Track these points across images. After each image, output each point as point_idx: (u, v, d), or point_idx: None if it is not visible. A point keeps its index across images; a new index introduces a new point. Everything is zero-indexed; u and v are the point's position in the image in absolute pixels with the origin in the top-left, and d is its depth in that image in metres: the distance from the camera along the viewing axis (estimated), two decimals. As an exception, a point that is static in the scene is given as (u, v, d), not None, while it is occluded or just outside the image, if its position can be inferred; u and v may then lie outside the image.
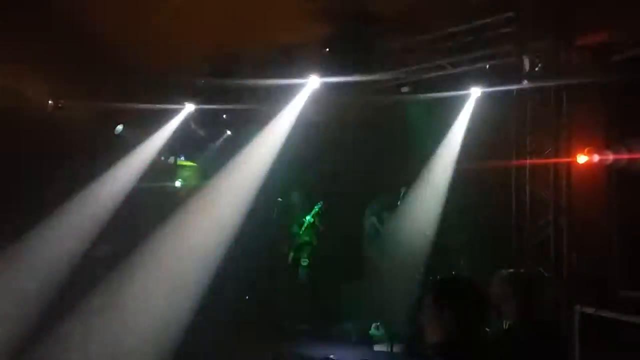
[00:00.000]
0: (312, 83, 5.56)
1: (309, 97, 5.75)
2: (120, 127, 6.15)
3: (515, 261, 3.92)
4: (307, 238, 6.61)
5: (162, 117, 6.27)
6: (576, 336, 2.93)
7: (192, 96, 6.23)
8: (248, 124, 6.65)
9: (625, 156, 2.77)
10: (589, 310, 2.84)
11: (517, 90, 4.16)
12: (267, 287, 6.74)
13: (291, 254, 6.58)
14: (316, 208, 6.54)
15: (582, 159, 4.95)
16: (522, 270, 3.77)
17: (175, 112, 6.33)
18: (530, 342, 2.80)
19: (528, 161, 4.06)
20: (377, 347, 5.72)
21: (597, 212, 3.66)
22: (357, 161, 7.08)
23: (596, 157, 3.86)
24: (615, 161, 2.86)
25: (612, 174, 2.84)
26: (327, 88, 5.57)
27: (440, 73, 5.03)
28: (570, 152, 3.89)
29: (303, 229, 6.60)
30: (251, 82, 5.67)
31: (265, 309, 6.48)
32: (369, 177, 6.52)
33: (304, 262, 6.50)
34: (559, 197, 3.70)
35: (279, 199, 6.75)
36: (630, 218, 2.70)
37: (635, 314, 2.62)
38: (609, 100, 3.08)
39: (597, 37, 3.94)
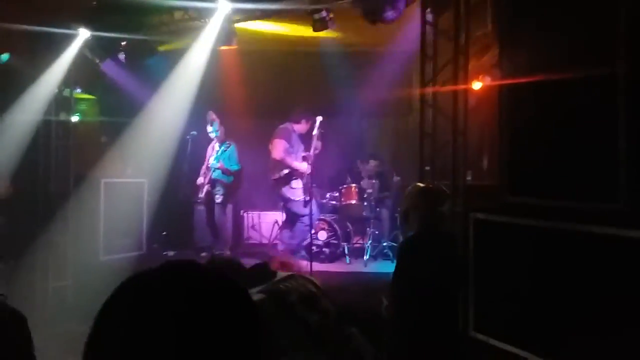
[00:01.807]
0: (222, 8, 5.31)
1: (221, 25, 5.52)
2: (5, 56, 5.48)
3: (421, 178, 4.31)
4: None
5: (54, 44, 5.67)
6: (471, 240, 3.36)
7: (86, 20, 5.66)
8: (151, 54, 6.27)
9: (512, 79, 3.09)
10: (481, 215, 3.25)
11: (422, 18, 4.32)
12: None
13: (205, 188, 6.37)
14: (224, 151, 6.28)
15: (477, 84, 5.41)
16: (431, 185, 4.19)
17: (68, 38, 5.75)
18: (434, 246, 3.19)
19: (431, 89, 4.35)
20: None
21: (489, 131, 4.10)
22: (271, 92, 7.08)
23: (488, 80, 4.25)
24: (504, 83, 3.18)
25: (502, 95, 3.16)
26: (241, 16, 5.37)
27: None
28: (467, 79, 4.22)
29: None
30: (154, 2, 5.27)
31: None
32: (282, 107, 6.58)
33: (218, 198, 6.30)
34: (457, 121, 4.06)
35: (193, 132, 6.58)
36: (516, 133, 3.07)
37: (520, 216, 3.04)
38: (499, 25, 3.35)
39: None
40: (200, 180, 6.40)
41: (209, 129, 6.31)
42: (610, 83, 2.62)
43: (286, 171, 5.84)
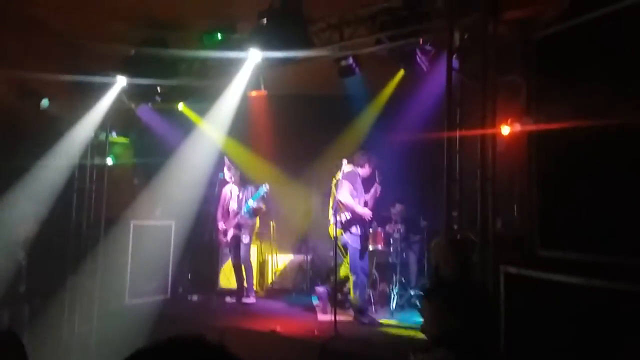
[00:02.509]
0: (252, 57, 5.47)
1: (252, 71, 5.69)
2: (45, 102, 5.78)
3: (448, 228, 4.17)
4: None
5: (91, 91, 5.95)
6: (501, 293, 3.19)
7: (123, 68, 5.94)
8: (184, 98, 6.50)
9: (542, 124, 3.00)
10: (512, 269, 3.09)
11: (447, 64, 4.31)
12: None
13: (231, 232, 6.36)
14: (260, 191, 6.23)
15: (505, 129, 5.30)
16: (458, 237, 4.05)
17: (105, 85, 6.04)
18: (466, 298, 3.05)
19: (458, 132, 4.28)
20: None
21: (519, 178, 3.96)
22: (299, 135, 7.16)
23: (517, 126, 4.14)
24: (534, 129, 3.09)
25: (531, 141, 3.07)
26: (268, 63, 5.52)
27: (379, 47, 5.12)
28: (496, 123, 4.14)
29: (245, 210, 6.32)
30: (187, 53, 5.49)
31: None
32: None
33: (245, 239, 6.24)
34: (485, 166, 3.95)
35: (221, 175, 6.67)
36: (547, 181, 2.95)
37: (551, 271, 2.87)
38: (529, 72, 3.30)
39: (522, 13, 4.18)
40: (221, 225, 6.37)
41: (227, 173, 6.32)
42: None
43: (349, 216, 5.65)
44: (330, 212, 5.59)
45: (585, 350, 2.67)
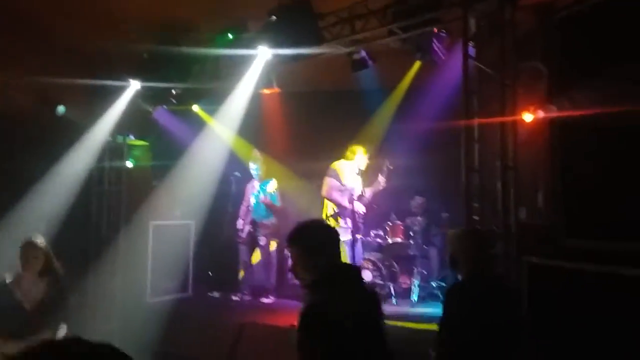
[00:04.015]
0: (262, 55, 5.44)
1: (262, 69, 5.66)
2: (61, 108, 5.85)
3: (469, 219, 4.06)
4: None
5: (106, 95, 6.01)
6: (524, 284, 3.08)
7: (137, 71, 5.98)
8: (198, 99, 6.51)
9: (566, 112, 2.87)
10: (535, 259, 2.98)
11: (463, 52, 4.19)
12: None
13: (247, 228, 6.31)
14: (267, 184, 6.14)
15: (528, 117, 5.14)
16: (476, 227, 3.94)
17: (120, 89, 6.08)
18: (484, 294, 2.95)
19: (476, 121, 4.16)
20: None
21: (542, 167, 3.83)
22: (313, 132, 7.10)
23: (540, 114, 4.01)
24: (558, 116, 2.96)
25: (555, 128, 2.94)
26: (279, 60, 5.47)
27: (391, 39, 5.02)
28: (516, 111, 4.01)
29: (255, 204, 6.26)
30: (199, 54, 5.49)
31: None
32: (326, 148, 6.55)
33: (261, 240, 6.23)
34: (506, 155, 3.83)
35: (236, 173, 6.66)
36: (572, 170, 2.83)
37: (578, 261, 2.76)
38: (550, 58, 3.17)
39: (538, -3, 4.03)
40: (240, 222, 6.35)
41: (252, 166, 6.29)
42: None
43: (336, 209, 5.64)
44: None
45: (611, 344, 2.55)
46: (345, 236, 5.57)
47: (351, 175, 5.73)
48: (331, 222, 5.59)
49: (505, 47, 3.96)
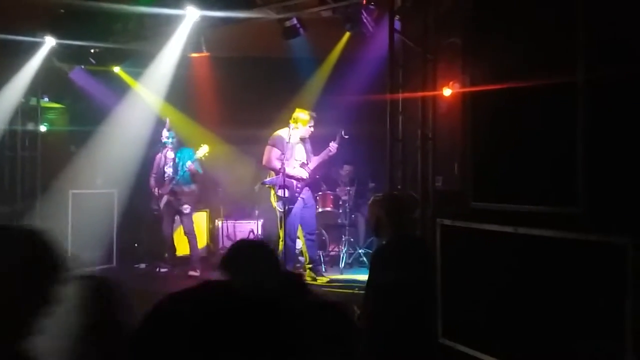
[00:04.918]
0: (190, 15, 5.25)
1: (189, 32, 5.47)
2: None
3: (391, 187, 4.31)
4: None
5: (18, 53, 5.55)
6: (437, 243, 3.35)
7: (52, 27, 5.54)
8: (120, 60, 6.19)
9: (475, 86, 3.11)
10: (447, 221, 3.25)
11: (389, 26, 4.34)
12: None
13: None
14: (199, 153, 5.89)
15: (447, 91, 5.45)
16: (394, 193, 4.18)
17: (33, 46, 5.63)
18: (407, 254, 3.18)
19: (400, 95, 4.36)
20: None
21: (457, 138, 4.12)
22: (243, 99, 7.03)
23: (457, 88, 4.28)
24: (469, 90, 3.19)
25: (466, 101, 3.18)
26: (209, 23, 5.32)
27: (322, 8, 5.05)
28: (437, 85, 4.25)
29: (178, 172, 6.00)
30: (120, 10, 5.18)
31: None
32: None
33: (186, 209, 6.02)
34: (425, 126, 4.08)
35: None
36: (479, 139, 3.09)
37: (484, 222, 3.04)
38: (464, 34, 3.38)
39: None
40: (157, 191, 6.06)
41: (165, 134, 5.92)
42: (569, 90, 2.65)
43: (271, 178, 5.63)
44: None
45: (513, 295, 2.88)
46: (280, 206, 5.59)
47: (294, 143, 5.65)
48: (271, 193, 5.57)
49: (428, 22, 4.14)
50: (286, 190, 5.52)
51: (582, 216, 2.53)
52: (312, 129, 5.76)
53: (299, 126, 5.63)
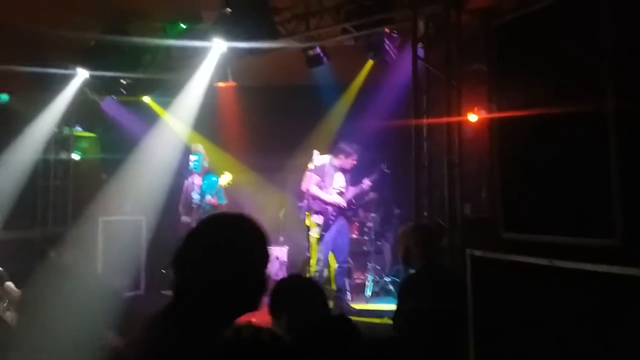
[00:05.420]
0: (217, 47, 5.40)
1: (216, 63, 5.61)
2: (5, 96, 5.58)
3: (417, 214, 4.25)
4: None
5: (52, 84, 5.77)
6: (468, 275, 3.26)
7: (84, 60, 5.77)
8: (150, 90, 6.37)
9: (503, 112, 3.07)
10: (478, 252, 3.16)
11: (412, 52, 4.35)
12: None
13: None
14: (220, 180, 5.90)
15: (472, 117, 5.40)
16: (425, 222, 4.12)
17: (66, 78, 5.86)
18: (436, 284, 3.12)
19: (425, 120, 4.33)
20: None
21: (484, 164, 4.06)
22: (269, 127, 7.11)
23: (483, 113, 4.24)
24: (496, 116, 3.15)
25: (494, 127, 3.13)
26: (235, 53, 5.45)
27: (345, 37, 5.12)
28: (462, 111, 4.22)
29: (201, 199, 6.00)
30: (149, 43, 5.36)
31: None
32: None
33: None
34: (451, 153, 4.03)
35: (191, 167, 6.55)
36: (509, 167, 3.02)
37: (514, 253, 2.95)
38: (490, 60, 3.35)
39: (484, 1, 4.24)
40: (185, 219, 6.08)
41: (193, 157, 5.92)
42: (600, 118, 2.58)
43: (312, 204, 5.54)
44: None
45: (545, 328, 2.76)
46: (314, 232, 5.51)
47: (332, 172, 5.63)
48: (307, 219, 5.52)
49: (451, 49, 4.14)
50: (320, 216, 5.50)
51: (619, 249, 2.42)
52: (355, 162, 5.71)
53: (341, 157, 5.63)
